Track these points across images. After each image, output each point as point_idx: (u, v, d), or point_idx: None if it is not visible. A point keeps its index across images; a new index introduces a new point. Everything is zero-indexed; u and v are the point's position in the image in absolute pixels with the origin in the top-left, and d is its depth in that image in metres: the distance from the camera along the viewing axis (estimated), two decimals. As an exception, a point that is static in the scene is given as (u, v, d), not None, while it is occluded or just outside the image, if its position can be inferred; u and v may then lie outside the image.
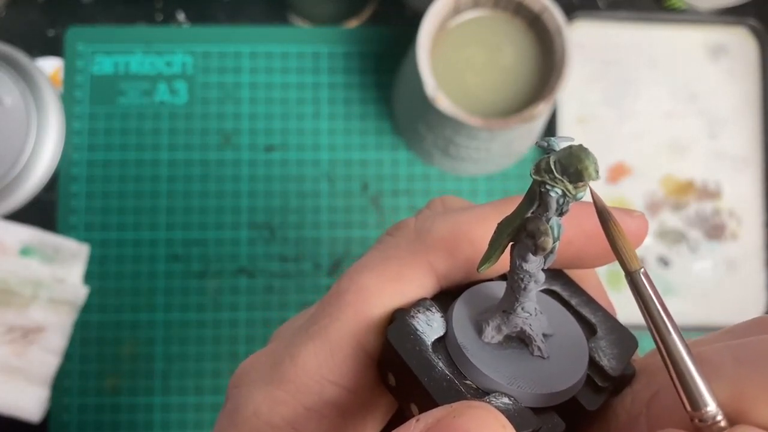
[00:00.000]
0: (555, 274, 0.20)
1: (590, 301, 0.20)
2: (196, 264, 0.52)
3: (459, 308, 0.19)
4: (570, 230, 0.19)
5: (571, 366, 0.18)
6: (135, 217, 0.52)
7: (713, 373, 0.15)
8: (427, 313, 0.18)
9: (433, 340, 0.18)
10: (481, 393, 0.17)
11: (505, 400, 0.17)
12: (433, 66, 0.45)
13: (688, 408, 0.15)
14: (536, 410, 0.17)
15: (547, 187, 0.16)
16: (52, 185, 0.52)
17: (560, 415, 0.17)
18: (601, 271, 0.52)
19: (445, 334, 0.18)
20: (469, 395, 0.17)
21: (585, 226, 0.19)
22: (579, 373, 0.17)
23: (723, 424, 0.14)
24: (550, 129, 0.53)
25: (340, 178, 0.53)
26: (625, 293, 0.17)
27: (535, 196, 0.16)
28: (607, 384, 0.18)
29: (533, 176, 0.16)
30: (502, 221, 0.17)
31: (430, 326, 0.18)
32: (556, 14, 0.44)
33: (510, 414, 0.16)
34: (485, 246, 0.18)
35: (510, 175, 0.54)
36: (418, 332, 0.18)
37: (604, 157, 0.54)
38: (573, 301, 0.20)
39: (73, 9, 0.54)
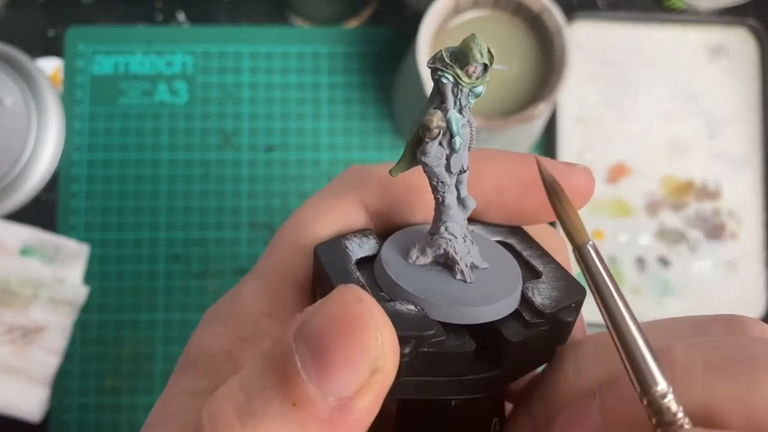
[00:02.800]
0: (513, 230, 0.20)
1: (545, 254, 0.19)
2: (196, 264, 0.52)
3: (395, 236, 0.19)
4: (505, 178, 0.19)
5: (495, 293, 0.17)
6: (135, 217, 0.52)
7: (683, 376, 0.15)
8: (363, 238, 0.19)
9: (359, 257, 0.18)
10: (389, 301, 0.17)
11: (410, 306, 0.16)
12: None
13: (638, 389, 0.14)
14: (447, 326, 0.16)
15: (439, 74, 0.16)
16: (53, 185, 0.52)
17: (482, 344, 0.17)
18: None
19: (375, 256, 0.18)
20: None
21: (520, 174, 0.19)
22: (501, 300, 0.17)
23: (687, 426, 0.14)
24: (550, 129, 0.53)
25: (340, 178, 0.53)
26: (625, 295, 0.17)
27: (437, 91, 0.17)
28: (536, 320, 0.17)
29: (427, 65, 0.16)
30: (413, 120, 0.17)
31: (361, 247, 0.18)
32: (556, 14, 0.44)
33: (408, 317, 0.16)
34: (418, 184, 0.18)
35: (510, 175, 0.54)
36: (347, 249, 0.18)
37: (603, 157, 0.54)
38: (525, 253, 0.19)
39: (74, 9, 0.54)
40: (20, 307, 0.50)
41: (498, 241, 0.20)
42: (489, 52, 0.16)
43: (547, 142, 0.54)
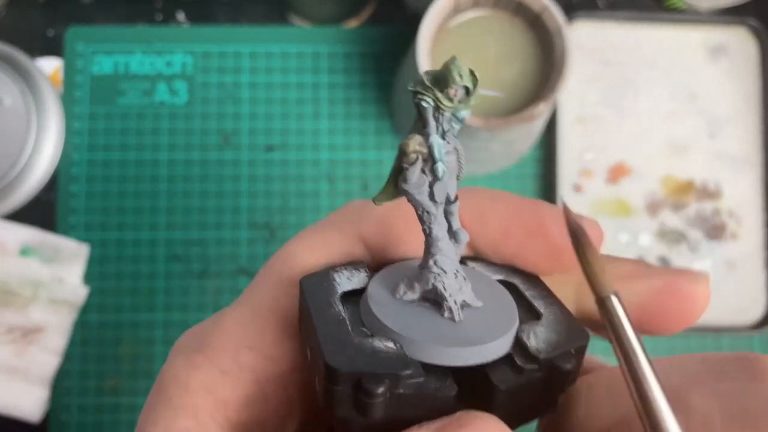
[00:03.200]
0: (519, 271, 0.19)
1: (549, 296, 0.18)
2: (195, 264, 0.52)
3: (386, 270, 0.18)
4: (509, 222, 0.18)
5: (485, 334, 0.16)
6: (135, 217, 0.52)
7: (701, 428, 0.14)
8: (354, 271, 0.18)
9: (346, 290, 0.17)
10: (369, 336, 0.16)
11: (389, 344, 0.15)
12: (433, 66, 0.45)
13: None
14: (428, 367, 0.15)
15: (419, 97, 0.16)
16: (52, 185, 0.52)
17: (468, 390, 0.15)
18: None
19: (363, 290, 0.17)
20: (353, 335, 0.15)
21: (525, 220, 0.18)
22: (491, 341, 0.15)
23: None
24: (550, 129, 0.53)
25: (340, 178, 0.53)
26: None
27: (420, 115, 0.16)
28: (529, 366, 0.15)
29: (408, 88, 0.16)
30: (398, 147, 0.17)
31: (349, 280, 0.18)
32: (556, 14, 0.44)
33: (384, 354, 0.15)
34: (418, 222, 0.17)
35: (510, 175, 0.54)
36: (333, 282, 0.17)
37: (604, 157, 0.54)
38: (528, 293, 0.18)
39: (73, 9, 0.54)
40: (20, 307, 0.50)
41: (500, 280, 0.18)
42: (472, 74, 0.15)
43: (547, 142, 0.54)
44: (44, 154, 0.51)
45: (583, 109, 0.54)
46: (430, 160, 0.16)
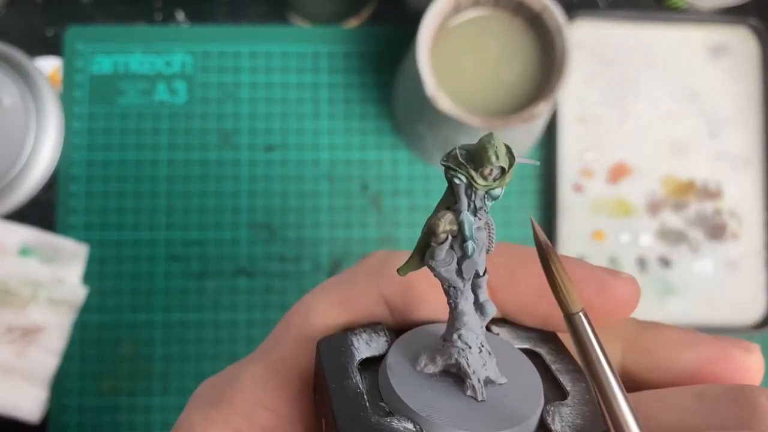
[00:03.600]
0: (545, 337, 0.18)
1: (575, 370, 0.17)
2: (195, 264, 0.52)
3: (407, 337, 0.17)
4: (540, 281, 0.17)
5: (509, 416, 0.15)
6: (134, 217, 0.52)
7: None
8: (373, 335, 0.17)
9: (365, 356, 0.17)
10: (388, 415, 0.15)
11: (408, 425, 0.15)
12: (434, 66, 0.45)
13: None
14: None
15: (452, 173, 0.15)
16: (51, 185, 0.52)
17: None
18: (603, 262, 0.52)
19: (383, 356, 0.17)
20: (370, 413, 0.15)
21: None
22: (515, 425, 0.15)
23: None
24: (551, 128, 0.53)
25: (340, 178, 0.53)
26: None
27: (451, 190, 0.15)
28: None
29: (441, 163, 0.15)
30: (427, 219, 0.16)
31: (368, 345, 0.17)
32: (557, 14, 0.44)
33: None
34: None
35: (510, 175, 0.53)
36: (352, 347, 0.17)
37: (604, 157, 0.54)
38: (554, 366, 0.17)
39: (73, 8, 0.54)
40: (19, 307, 0.50)
41: (525, 349, 0.18)
42: (509, 152, 0.15)
43: (548, 142, 0.53)
44: (43, 154, 0.51)
45: (584, 109, 0.54)
46: (460, 236, 0.15)
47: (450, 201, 0.15)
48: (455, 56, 0.46)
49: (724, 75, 0.55)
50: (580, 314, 0.15)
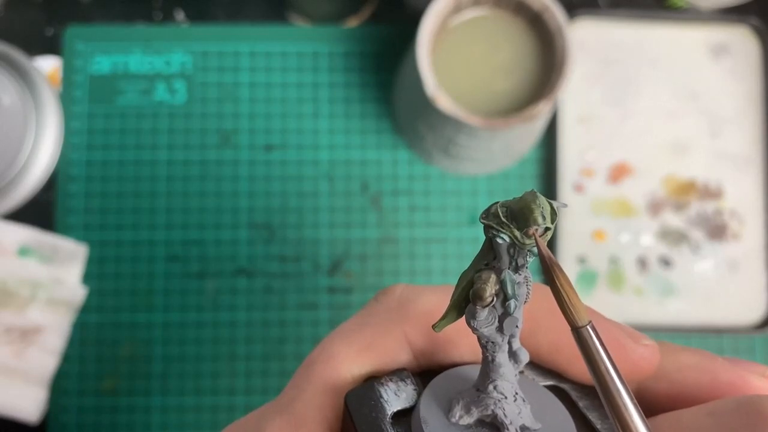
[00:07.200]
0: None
1: (601, 406, 0.17)
2: (194, 264, 0.51)
3: (436, 383, 0.17)
4: (562, 336, 0.17)
5: None
6: (133, 217, 0.52)
7: None
8: (400, 383, 0.17)
9: (396, 410, 0.16)
10: None
11: None
12: (434, 65, 0.45)
13: None
14: None
15: (494, 232, 0.15)
16: (51, 185, 0.52)
17: None
18: (602, 270, 0.52)
19: (413, 407, 0.17)
20: None
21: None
22: None
23: None
24: (552, 128, 0.53)
25: (339, 178, 0.53)
26: (626, 296, 0.16)
27: (490, 246, 0.15)
28: None
29: (480, 221, 0.15)
30: (462, 273, 0.16)
31: (397, 396, 0.17)
32: (557, 13, 0.44)
33: None
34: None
35: (511, 175, 0.53)
36: (381, 399, 0.16)
37: (605, 156, 0.54)
38: (581, 403, 0.17)
39: (72, 8, 0.54)
40: (18, 307, 0.50)
41: (550, 386, 0.18)
42: (553, 211, 0.14)
43: (548, 142, 0.53)
44: (42, 153, 0.51)
45: (584, 109, 0.54)
46: (502, 295, 0.15)
47: (488, 257, 0.15)
48: (455, 56, 0.46)
49: (724, 75, 0.55)
50: (588, 327, 0.14)
